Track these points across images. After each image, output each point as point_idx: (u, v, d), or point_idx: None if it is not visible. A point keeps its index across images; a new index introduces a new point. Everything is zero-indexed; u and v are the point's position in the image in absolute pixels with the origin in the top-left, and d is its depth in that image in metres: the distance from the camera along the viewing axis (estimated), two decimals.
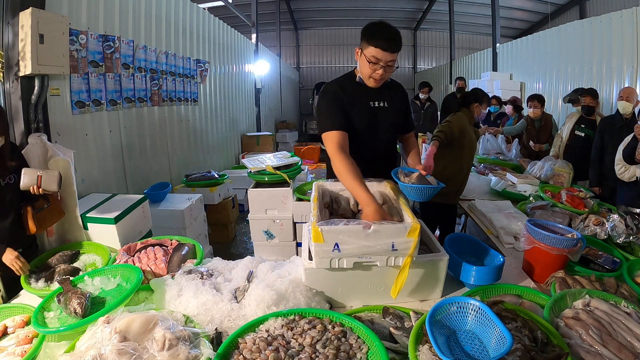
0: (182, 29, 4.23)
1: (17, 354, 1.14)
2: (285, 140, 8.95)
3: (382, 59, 1.51)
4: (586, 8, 9.49)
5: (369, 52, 1.52)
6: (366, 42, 1.52)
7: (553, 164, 3.02)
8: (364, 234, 1.19)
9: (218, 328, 1.16)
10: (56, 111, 2.39)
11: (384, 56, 1.51)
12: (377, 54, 1.50)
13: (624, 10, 4.47)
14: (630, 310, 1.14)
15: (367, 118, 1.68)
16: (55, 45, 2.13)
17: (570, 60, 5.49)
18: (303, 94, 14.06)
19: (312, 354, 1.00)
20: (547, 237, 1.47)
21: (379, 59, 1.51)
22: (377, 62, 1.52)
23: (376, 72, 1.55)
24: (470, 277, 1.39)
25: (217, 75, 5.41)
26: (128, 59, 3.20)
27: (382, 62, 1.52)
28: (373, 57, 1.51)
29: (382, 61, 1.52)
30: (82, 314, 1.24)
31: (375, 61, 1.52)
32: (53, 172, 1.64)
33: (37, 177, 1.60)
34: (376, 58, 1.51)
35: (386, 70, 1.55)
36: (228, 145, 5.95)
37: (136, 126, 3.38)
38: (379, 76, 1.56)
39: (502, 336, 0.94)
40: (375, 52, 1.50)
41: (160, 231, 2.37)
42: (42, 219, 1.78)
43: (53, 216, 1.85)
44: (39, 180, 1.60)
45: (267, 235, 2.95)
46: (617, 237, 1.82)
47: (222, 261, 1.61)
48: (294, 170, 3.05)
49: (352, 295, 1.34)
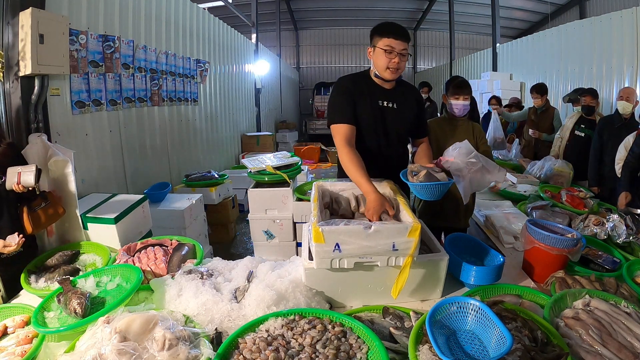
0: (182, 29, 4.23)
1: (17, 354, 1.14)
2: (285, 140, 8.96)
3: (396, 47, 1.61)
4: (586, 8, 9.49)
5: (383, 43, 1.61)
6: (378, 36, 1.63)
7: (553, 164, 3.02)
8: (364, 234, 1.19)
9: (218, 328, 1.16)
10: (56, 111, 2.39)
11: (397, 44, 1.60)
12: (391, 43, 1.60)
13: (624, 10, 4.47)
14: (630, 310, 1.14)
15: (372, 116, 1.70)
16: (55, 45, 2.13)
17: (570, 60, 5.49)
18: (303, 94, 14.06)
19: (312, 354, 1.00)
20: (547, 237, 1.47)
21: (393, 47, 1.60)
22: (392, 50, 1.61)
23: (392, 60, 1.62)
24: (470, 277, 1.39)
25: (217, 75, 5.41)
26: (128, 59, 3.20)
27: (396, 49, 1.61)
28: (388, 46, 1.60)
29: (397, 49, 1.61)
30: (82, 314, 1.24)
31: (390, 50, 1.61)
32: (31, 167, 1.62)
33: (17, 174, 1.60)
34: (391, 47, 1.60)
35: (401, 59, 1.63)
36: (228, 145, 5.94)
37: (136, 126, 3.38)
38: (395, 64, 1.63)
39: (502, 336, 0.94)
40: (389, 41, 1.60)
41: (160, 231, 2.37)
42: (39, 218, 1.75)
43: (52, 215, 1.82)
44: (18, 177, 1.60)
45: (267, 235, 2.95)
46: (617, 237, 1.82)
47: (222, 261, 1.61)
48: (294, 170, 3.04)
49: (352, 295, 1.34)
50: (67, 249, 1.87)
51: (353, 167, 1.49)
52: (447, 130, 2.21)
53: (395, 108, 1.73)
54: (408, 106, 1.77)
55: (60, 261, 1.75)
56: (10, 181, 1.61)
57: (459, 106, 2.15)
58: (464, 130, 2.21)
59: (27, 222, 1.71)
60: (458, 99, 2.14)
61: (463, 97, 2.13)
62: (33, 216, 1.72)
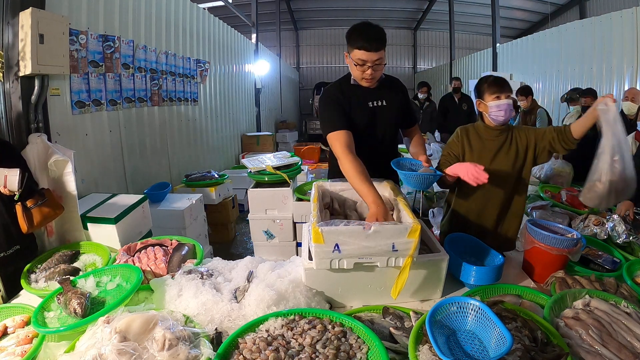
0: (182, 29, 4.23)
1: (17, 354, 1.14)
2: (285, 140, 8.95)
3: (368, 59, 1.53)
4: (586, 8, 9.50)
5: (354, 55, 1.55)
6: (350, 46, 1.55)
7: (553, 164, 3.02)
8: (364, 235, 1.19)
9: (218, 328, 1.16)
10: (56, 111, 2.39)
11: (369, 57, 1.53)
12: (362, 56, 1.52)
13: (624, 10, 4.48)
14: (630, 310, 1.13)
15: (367, 118, 1.69)
16: (55, 45, 2.13)
17: (570, 60, 5.50)
18: (303, 94, 14.06)
19: (312, 354, 1.00)
20: (547, 237, 1.47)
21: (364, 60, 1.54)
22: (364, 63, 1.54)
23: (365, 72, 1.57)
24: (470, 277, 1.39)
25: (217, 75, 5.41)
26: (128, 59, 3.20)
27: (368, 62, 1.54)
28: (359, 60, 1.54)
29: (369, 61, 1.54)
30: (82, 314, 1.24)
31: (361, 63, 1.54)
32: (15, 171, 1.60)
33: (3, 177, 1.58)
34: (362, 60, 1.53)
35: (375, 69, 1.56)
36: (228, 145, 5.95)
37: (136, 126, 3.38)
38: (369, 76, 1.58)
39: (502, 336, 0.94)
40: (360, 54, 1.52)
41: (160, 231, 2.37)
42: (34, 216, 1.73)
43: (49, 213, 1.79)
44: (4, 180, 1.58)
45: (267, 235, 2.95)
46: (617, 237, 1.82)
47: (222, 261, 1.61)
48: (294, 170, 3.05)
49: (352, 295, 1.34)
50: (67, 249, 1.87)
51: (356, 176, 1.42)
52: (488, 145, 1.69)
53: (385, 105, 1.72)
54: (396, 99, 1.75)
55: (60, 261, 1.75)
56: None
57: (503, 107, 1.59)
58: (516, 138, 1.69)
59: (21, 221, 1.70)
60: (500, 98, 1.60)
61: (505, 96, 1.61)
62: (27, 215, 1.70)
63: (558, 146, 1.63)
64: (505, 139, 1.68)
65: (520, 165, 1.69)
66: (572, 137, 1.59)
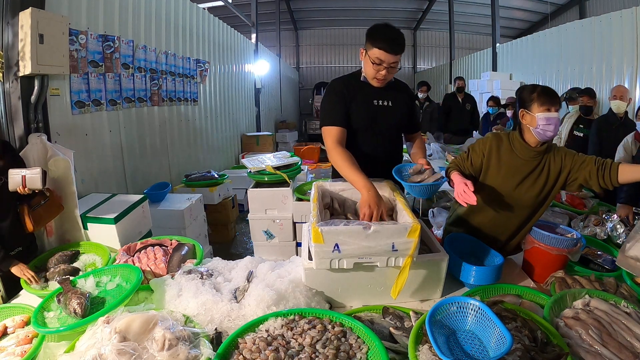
0: (182, 29, 4.23)
1: (17, 354, 1.14)
2: (285, 140, 8.95)
3: (386, 60, 1.55)
4: (586, 8, 9.49)
5: (373, 54, 1.56)
6: (370, 44, 1.56)
7: None
8: (364, 235, 1.19)
9: (218, 328, 1.16)
10: (56, 111, 2.39)
11: (387, 58, 1.54)
12: (381, 56, 1.54)
13: (624, 10, 4.48)
14: (630, 310, 1.14)
15: (369, 116, 1.70)
16: (55, 45, 2.13)
17: (570, 60, 5.49)
18: (303, 94, 14.06)
19: (312, 354, 0.99)
20: (547, 237, 1.47)
21: (382, 60, 1.55)
22: (381, 63, 1.56)
23: (379, 72, 1.59)
24: (470, 277, 1.39)
25: (217, 75, 5.41)
26: (128, 59, 3.20)
27: (385, 63, 1.56)
28: (377, 59, 1.55)
29: (386, 62, 1.55)
30: (82, 314, 1.24)
31: (379, 62, 1.56)
32: (36, 170, 1.62)
33: (21, 177, 1.60)
34: (380, 59, 1.55)
35: (389, 71, 1.59)
36: (228, 145, 5.94)
37: (136, 126, 3.38)
38: (382, 76, 1.60)
39: (502, 336, 0.94)
40: (379, 53, 1.54)
41: (160, 231, 2.37)
42: (40, 215, 1.77)
43: (51, 212, 1.84)
44: (23, 180, 1.60)
45: (267, 235, 2.95)
46: (617, 237, 1.83)
47: (222, 261, 1.61)
48: (293, 170, 3.05)
49: (352, 295, 1.34)
50: (67, 249, 1.87)
51: (345, 165, 1.47)
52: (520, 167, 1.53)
53: (390, 106, 1.73)
54: (402, 102, 1.76)
55: (60, 261, 1.75)
56: (14, 184, 1.60)
57: (553, 121, 1.42)
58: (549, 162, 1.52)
59: (28, 221, 1.71)
60: (550, 111, 1.43)
61: (555, 109, 1.44)
62: (34, 215, 1.73)
63: (594, 182, 1.43)
64: (539, 164, 1.51)
65: (546, 192, 1.54)
66: (617, 180, 1.39)
